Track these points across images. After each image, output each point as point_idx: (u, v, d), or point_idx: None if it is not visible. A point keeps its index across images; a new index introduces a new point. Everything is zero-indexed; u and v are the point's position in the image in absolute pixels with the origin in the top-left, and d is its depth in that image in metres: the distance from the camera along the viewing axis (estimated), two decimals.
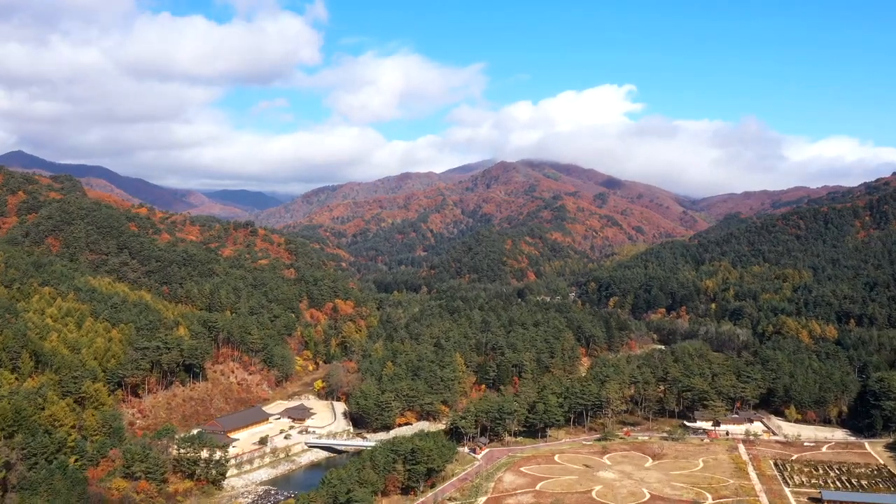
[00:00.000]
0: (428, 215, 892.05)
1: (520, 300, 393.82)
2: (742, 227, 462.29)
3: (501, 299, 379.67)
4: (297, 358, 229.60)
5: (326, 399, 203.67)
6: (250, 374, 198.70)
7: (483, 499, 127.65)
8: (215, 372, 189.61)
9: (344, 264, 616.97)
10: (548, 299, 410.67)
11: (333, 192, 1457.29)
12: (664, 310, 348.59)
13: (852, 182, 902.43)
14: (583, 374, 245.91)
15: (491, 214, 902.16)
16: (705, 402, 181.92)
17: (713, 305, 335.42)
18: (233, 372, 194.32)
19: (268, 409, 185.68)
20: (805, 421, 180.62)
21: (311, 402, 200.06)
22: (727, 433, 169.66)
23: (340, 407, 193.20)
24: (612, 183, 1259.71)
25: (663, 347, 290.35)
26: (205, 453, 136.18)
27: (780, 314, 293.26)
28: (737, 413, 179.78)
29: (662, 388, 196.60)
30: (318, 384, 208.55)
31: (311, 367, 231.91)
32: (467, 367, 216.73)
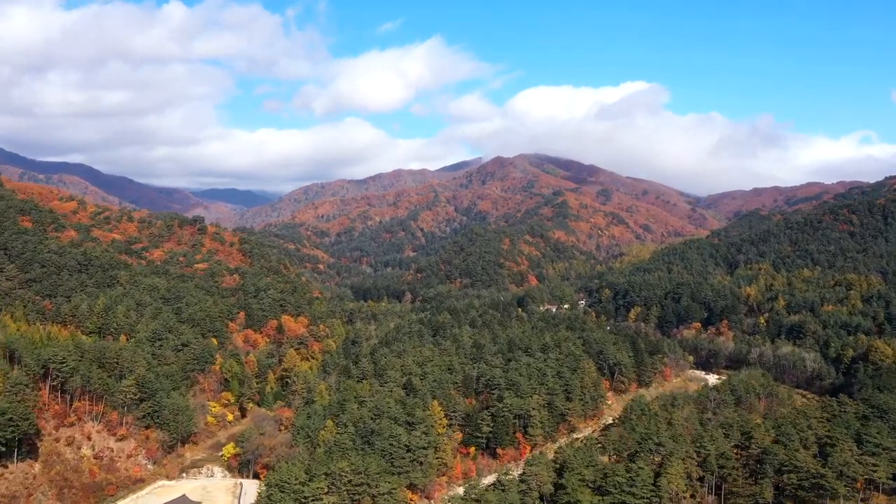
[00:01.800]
0: (418, 213, 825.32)
1: (520, 310, 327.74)
2: (779, 223, 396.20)
3: (498, 310, 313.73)
4: (212, 404, 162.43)
5: (240, 474, 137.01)
6: (120, 439, 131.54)
7: None
8: (58, 440, 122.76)
9: (321, 266, 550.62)
10: (553, 309, 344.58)
11: (322, 190, 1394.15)
12: (699, 324, 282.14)
13: (863, 178, 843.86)
14: (610, 422, 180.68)
15: (486, 212, 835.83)
16: (822, 492, 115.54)
17: (762, 319, 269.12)
18: (89, 438, 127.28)
19: (132, 501, 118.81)
20: None
21: (212, 481, 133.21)
22: None
23: (254, 491, 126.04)
24: (613, 179, 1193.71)
25: (712, 379, 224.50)
26: None
27: (857, 333, 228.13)
28: None
29: (740, 453, 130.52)
30: (229, 450, 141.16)
31: (230, 418, 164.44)
32: (450, 420, 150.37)
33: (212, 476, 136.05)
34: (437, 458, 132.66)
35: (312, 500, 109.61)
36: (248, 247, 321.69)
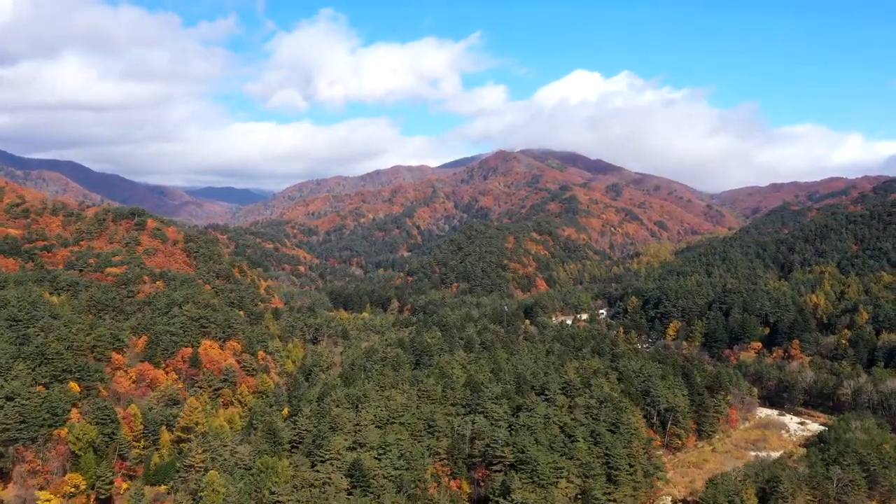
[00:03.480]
0: (414, 209, 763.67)
1: (528, 322, 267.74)
2: (839, 217, 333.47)
3: (502, 323, 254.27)
4: (43, 497, 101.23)
5: None
6: None
7: None
8: None
9: (302, 268, 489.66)
10: (568, 321, 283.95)
11: (318, 187, 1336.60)
12: (760, 344, 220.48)
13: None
14: None
15: (488, 208, 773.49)
16: None
17: (842, 339, 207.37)
18: None
19: None
20: None
21: None
22: None
23: None
24: (622, 175, 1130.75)
25: (792, 424, 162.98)
26: None
27: None
28: None
29: None
30: None
31: None
32: None
33: None
34: None
35: None
36: (193, 246, 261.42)
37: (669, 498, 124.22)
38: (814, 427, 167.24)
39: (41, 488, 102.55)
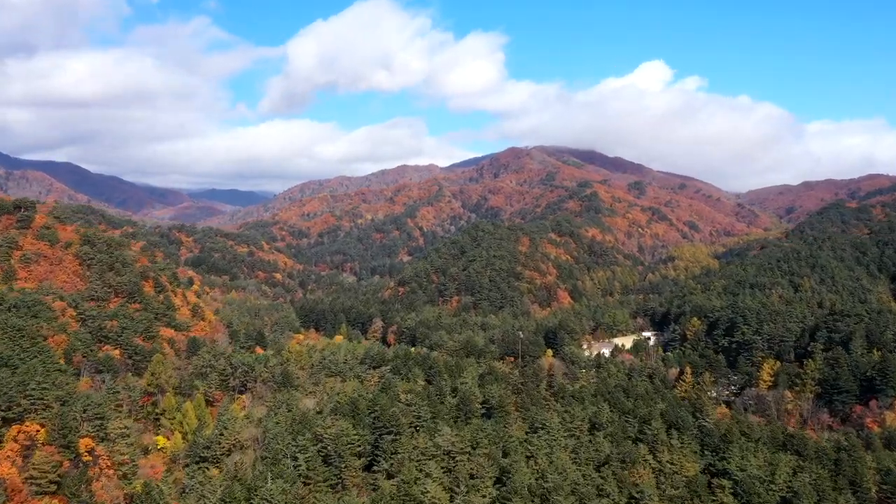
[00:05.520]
0: (417, 209, 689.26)
1: (551, 354, 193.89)
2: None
3: (514, 355, 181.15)
4: None
5: None
6: None
7: None
8: None
9: (279, 275, 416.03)
10: (606, 351, 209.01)
11: (320, 187, 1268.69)
12: None
13: None
14: None
15: (499, 208, 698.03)
16: None
17: None
18: None
19: None
20: None
21: None
22: None
23: None
24: (644, 172, 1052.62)
25: None
26: None
27: None
28: None
29: None
30: None
31: None
32: None
33: None
34: None
35: None
36: (88, 251, 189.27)
37: None
38: None
39: None
